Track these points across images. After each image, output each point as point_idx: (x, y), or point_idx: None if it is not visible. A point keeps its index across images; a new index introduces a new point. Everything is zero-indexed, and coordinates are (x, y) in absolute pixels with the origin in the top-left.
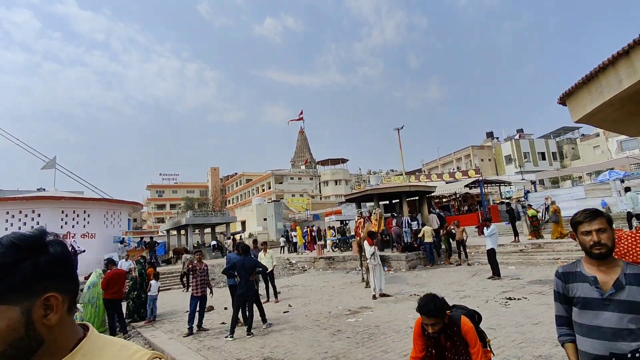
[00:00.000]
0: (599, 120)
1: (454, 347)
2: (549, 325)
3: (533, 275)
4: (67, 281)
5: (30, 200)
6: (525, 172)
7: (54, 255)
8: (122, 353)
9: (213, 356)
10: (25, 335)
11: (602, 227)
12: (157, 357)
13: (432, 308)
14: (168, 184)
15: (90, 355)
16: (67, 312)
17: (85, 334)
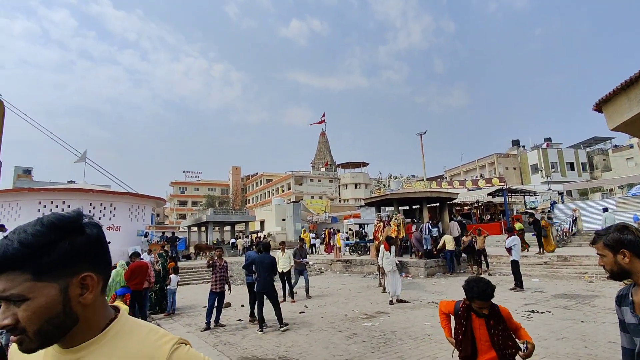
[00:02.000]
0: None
1: (499, 323)
2: (573, 341)
3: (558, 289)
4: (101, 262)
5: (61, 192)
6: (552, 183)
7: (90, 236)
8: (150, 336)
9: (229, 352)
10: (62, 312)
11: (600, 252)
12: (183, 342)
13: (490, 293)
14: (191, 181)
15: (120, 336)
16: (100, 292)
17: (117, 315)
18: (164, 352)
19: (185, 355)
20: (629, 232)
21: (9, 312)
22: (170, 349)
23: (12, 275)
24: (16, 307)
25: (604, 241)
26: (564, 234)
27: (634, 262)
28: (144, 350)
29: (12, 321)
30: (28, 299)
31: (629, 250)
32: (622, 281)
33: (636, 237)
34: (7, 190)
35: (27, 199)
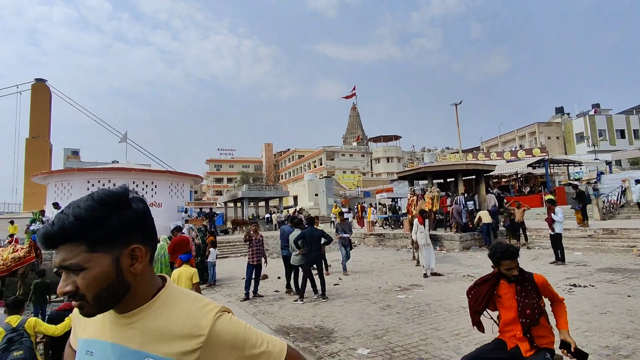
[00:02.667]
0: None
1: (524, 290)
2: (618, 316)
3: (603, 263)
4: (148, 234)
5: (106, 171)
6: (599, 152)
7: (137, 211)
8: (195, 304)
9: (267, 320)
10: (115, 280)
11: None
12: (226, 310)
13: (513, 250)
14: (225, 158)
15: (167, 304)
16: (149, 263)
17: (164, 284)
18: (208, 319)
19: (228, 322)
20: None
21: (69, 280)
22: (214, 316)
23: (69, 246)
24: (75, 275)
25: None
26: (611, 206)
27: None
28: (189, 316)
29: (73, 288)
30: (85, 268)
31: None
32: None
33: None
34: (60, 171)
35: (77, 178)
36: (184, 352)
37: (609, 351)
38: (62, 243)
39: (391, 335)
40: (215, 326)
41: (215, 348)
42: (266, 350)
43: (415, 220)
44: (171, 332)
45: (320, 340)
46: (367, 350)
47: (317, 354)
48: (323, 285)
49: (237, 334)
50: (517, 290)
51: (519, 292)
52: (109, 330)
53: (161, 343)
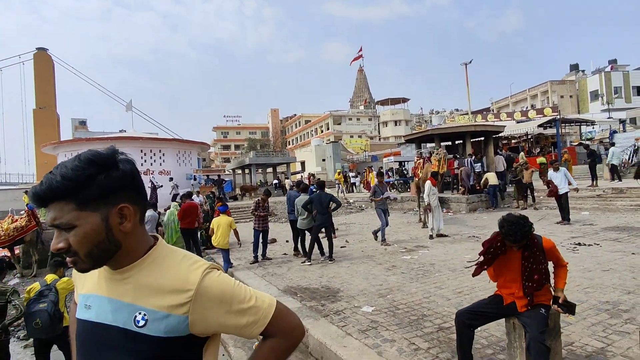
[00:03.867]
0: None
1: (532, 256)
2: (621, 273)
3: (610, 222)
4: (137, 195)
5: (114, 140)
6: (613, 110)
7: (124, 171)
8: (184, 261)
9: (276, 281)
10: (106, 238)
11: None
12: (214, 267)
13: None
14: (232, 125)
15: (158, 261)
16: (139, 222)
17: (155, 242)
18: (196, 275)
19: (216, 279)
20: None
21: (61, 238)
22: (202, 272)
23: (59, 205)
24: (67, 233)
25: None
26: (623, 165)
27: None
28: (179, 273)
29: (65, 245)
30: (75, 226)
31: None
32: None
33: None
34: (68, 141)
35: (85, 148)
36: (174, 305)
37: (609, 306)
38: (52, 202)
39: (395, 294)
40: (203, 282)
41: (204, 302)
42: (254, 305)
43: (428, 182)
44: (162, 287)
45: (327, 299)
46: (372, 308)
47: (323, 312)
48: (331, 247)
49: (225, 289)
50: (525, 256)
51: (526, 257)
52: (105, 286)
53: (153, 297)
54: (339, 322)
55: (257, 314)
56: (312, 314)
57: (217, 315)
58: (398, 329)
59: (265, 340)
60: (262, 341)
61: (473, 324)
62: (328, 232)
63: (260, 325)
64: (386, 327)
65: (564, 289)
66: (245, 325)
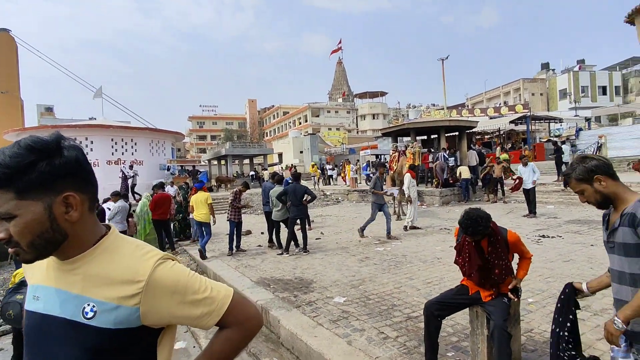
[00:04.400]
0: None
1: (494, 251)
2: (580, 263)
3: (572, 215)
4: (84, 183)
5: (83, 128)
6: (580, 108)
7: (69, 158)
8: (136, 251)
9: (249, 273)
10: (50, 228)
11: (576, 191)
12: (168, 257)
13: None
14: (208, 115)
15: (109, 251)
16: (88, 211)
17: (107, 232)
18: (148, 266)
19: (169, 269)
20: (590, 159)
21: (2, 228)
22: (154, 263)
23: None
24: (7, 223)
25: (575, 177)
26: None
27: (610, 184)
28: (130, 263)
29: (6, 235)
30: (15, 215)
31: (601, 174)
32: None
33: (600, 161)
34: (33, 128)
35: None
36: (124, 296)
37: None
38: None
39: (367, 285)
40: (155, 272)
41: (155, 293)
42: (209, 296)
43: (408, 174)
44: (112, 278)
45: (300, 290)
46: (343, 299)
47: (296, 303)
48: (305, 239)
49: (179, 280)
50: (489, 251)
51: (489, 252)
52: (53, 276)
53: (102, 288)
54: (310, 313)
55: (212, 304)
56: (285, 305)
57: (169, 307)
58: (368, 319)
59: (221, 330)
60: (218, 332)
61: (441, 314)
62: (302, 224)
63: (215, 316)
64: (357, 317)
65: (522, 279)
66: (199, 317)
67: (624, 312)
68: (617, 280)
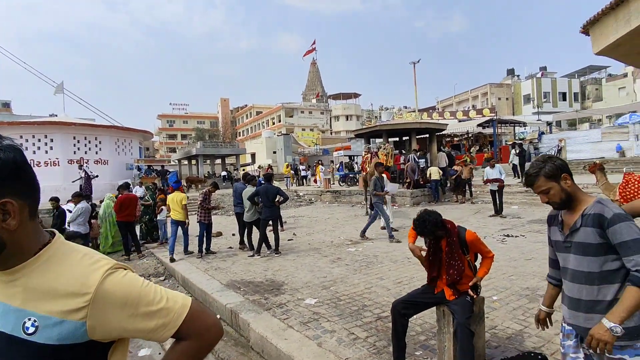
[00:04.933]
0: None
1: (450, 252)
2: (541, 261)
3: (535, 215)
4: (23, 187)
5: (42, 125)
6: (542, 113)
7: (5, 161)
8: (84, 260)
9: (219, 276)
10: None
11: (543, 189)
12: (120, 267)
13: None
14: (179, 113)
15: (54, 260)
16: (28, 217)
17: (51, 239)
18: (96, 276)
19: (120, 280)
20: (555, 159)
21: None
22: (103, 273)
23: None
24: None
25: (544, 174)
26: None
27: (571, 184)
28: (76, 273)
29: None
30: None
31: (567, 173)
32: None
33: (563, 162)
34: None
35: (7, 133)
36: (69, 310)
37: (529, 292)
38: None
39: (338, 286)
40: (103, 284)
41: (104, 306)
42: (164, 307)
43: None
44: (55, 290)
45: (270, 292)
46: (314, 300)
47: (266, 306)
48: (277, 241)
49: (131, 292)
50: (446, 251)
51: (447, 252)
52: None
53: (44, 301)
54: (281, 315)
55: (168, 316)
56: (255, 307)
57: (119, 320)
58: (339, 320)
59: (177, 343)
60: (174, 344)
61: (407, 313)
62: (275, 225)
63: (171, 328)
64: (327, 318)
65: (482, 278)
66: (153, 329)
67: (619, 315)
68: (570, 278)
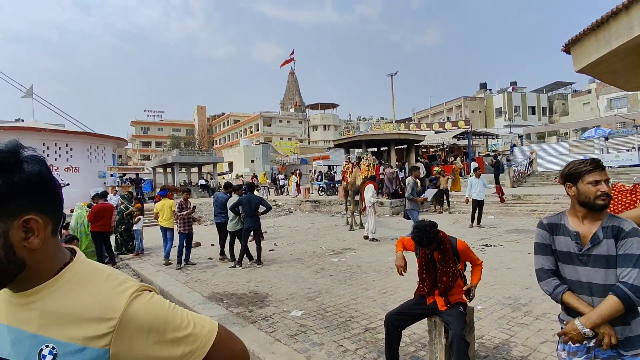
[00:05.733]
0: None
1: (443, 260)
2: (520, 270)
3: (511, 225)
4: (48, 202)
5: (9, 130)
6: (513, 126)
7: (30, 174)
8: (108, 282)
9: (200, 288)
10: (4, 258)
11: (607, 179)
12: (146, 289)
13: (425, 242)
14: (153, 121)
15: (75, 281)
16: (51, 234)
17: (72, 258)
18: (122, 300)
19: (146, 303)
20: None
21: None
22: (129, 296)
23: None
24: None
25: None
26: (520, 175)
27: None
28: (100, 296)
29: None
30: None
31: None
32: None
33: None
34: None
35: None
36: (91, 337)
37: (511, 300)
38: None
39: (324, 297)
40: (130, 308)
41: (130, 332)
42: (192, 333)
43: (371, 185)
44: (76, 314)
45: (255, 304)
46: (300, 312)
47: (251, 318)
48: (259, 251)
49: (157, 315)
50: (438, 259)
51: (439, 260)
52: (4, 311)
53: (64, 326)
54: (267, 328)
55: (195, 342)
56: (240, 320)
57: (145, 347)
58: (327, 332)
59: None
60: None
61: (401, 325)
62: (256, 235)
63: (198, 356)
64: (315, 330)
65: (476, 284)
66: (180, 357)
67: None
68: (584, 291)
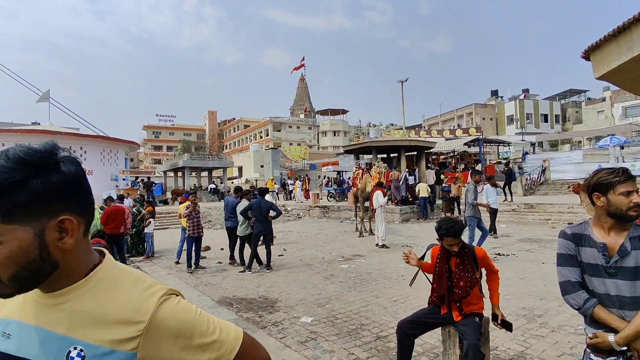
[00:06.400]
0: (621, 79)
1: (462, 264)
2: (534, 280)
3: (523, 234)
4: (82, 203)
5: (26, 133)
6: (526, 134)
7: (67, 174)
8: (137, 285)
9: (210, 292)
10: (39, 257)
11: (638, 189)
12: (173, 292)
13: (457, 229)
14: (165, 125)
15: (104, 283)
16: (82, 235)
17: (101, 260)
18: (151, 303)
19: (175, 307)
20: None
21: None
22: (158, 300)
23: None
24: None
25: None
26: (533, 183)
27: None
28: (129, 300)
29: None
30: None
31: None
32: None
33: None
34: None
35: None
36: (120, 340)
37: (526, 312)
38: None
39: (334, 303)
40: (158, 311)
41: (158, 336)
42: (218, 339)
43: (379, 192)
44: (105, 316)
45: (264, 310)
46: (310, 318)
47: (261, 324)
48: (269, 256)
49: (185, 320)
50: (457, 263)
51: (457, 264)
52: (32, 311)
53: (92, 328)
54: (277, 334)
55: (221, 349)
56: (249, 325)
57: (171, 351)
58: (337, 339)
59: None
60: None
61: (414, 334)
62: (266, 241)
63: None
64: (325, 337)
65: (499, 305)
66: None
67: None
68: (618, 305)
